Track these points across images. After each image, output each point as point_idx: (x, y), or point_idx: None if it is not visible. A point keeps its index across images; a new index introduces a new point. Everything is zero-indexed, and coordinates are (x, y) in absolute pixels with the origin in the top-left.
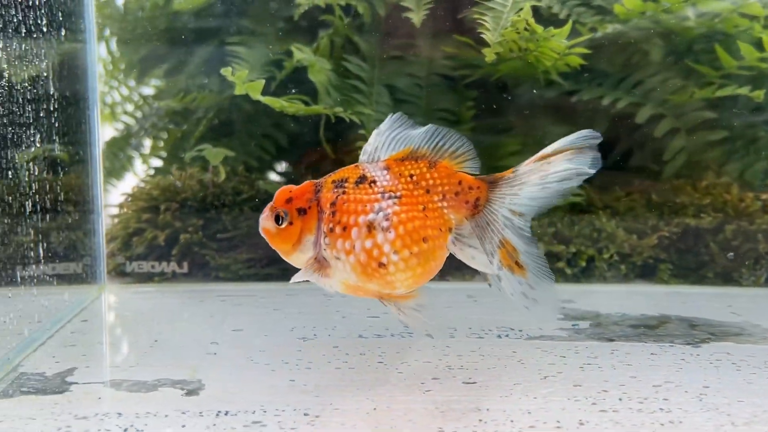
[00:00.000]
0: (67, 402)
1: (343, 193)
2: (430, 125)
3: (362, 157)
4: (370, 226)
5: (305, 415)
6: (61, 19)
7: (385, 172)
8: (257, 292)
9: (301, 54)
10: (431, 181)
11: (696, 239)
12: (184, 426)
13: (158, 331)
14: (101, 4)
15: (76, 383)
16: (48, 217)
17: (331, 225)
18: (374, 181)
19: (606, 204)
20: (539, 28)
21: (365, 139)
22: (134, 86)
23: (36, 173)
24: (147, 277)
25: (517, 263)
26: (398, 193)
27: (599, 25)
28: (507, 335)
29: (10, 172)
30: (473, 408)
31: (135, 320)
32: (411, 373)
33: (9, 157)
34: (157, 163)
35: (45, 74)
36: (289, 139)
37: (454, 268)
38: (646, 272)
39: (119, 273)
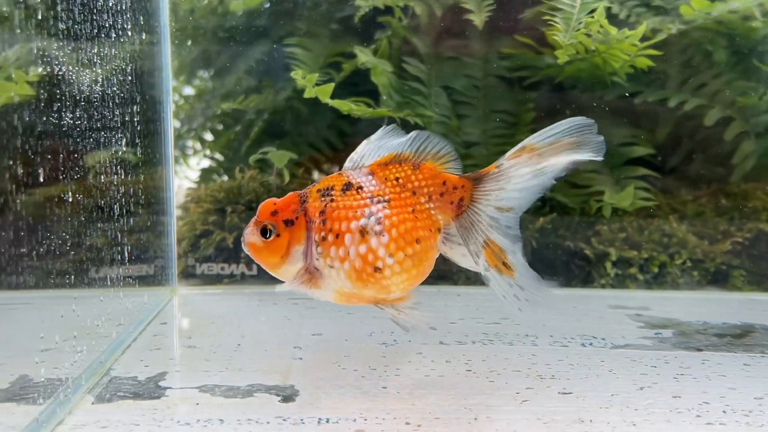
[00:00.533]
0: (166, 408)
1: (331, 200)
2: (415, 131)
3: (347, 165)
4: (363, 231)
5: (407, 423)
6: (141, 21)
7: (371, 177)
8: None
9: (365, 56)
10: (417, 183)
11: None
12: None
13: (239, 335)
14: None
15: (171, 388)
16: (130, 219)
17: (322, 233)
18: (360, 187)
19: (673, 208)
20: (613, 30)
21: None
22: (177, 86)
23: (121, 176)
24: (216, 279)
25: (504, 263)
26: (386, 197)
27: (660, 25)
28: (591, 344)
29: (101, 176)
30: (576, 419)
31: (213, 323)
32: (503, 383)
33: (98, 161)
34: (205, 163)
35: (130, 78)
36: (343, 140)
37: None
38: (719, 279)
39: (188, 275)
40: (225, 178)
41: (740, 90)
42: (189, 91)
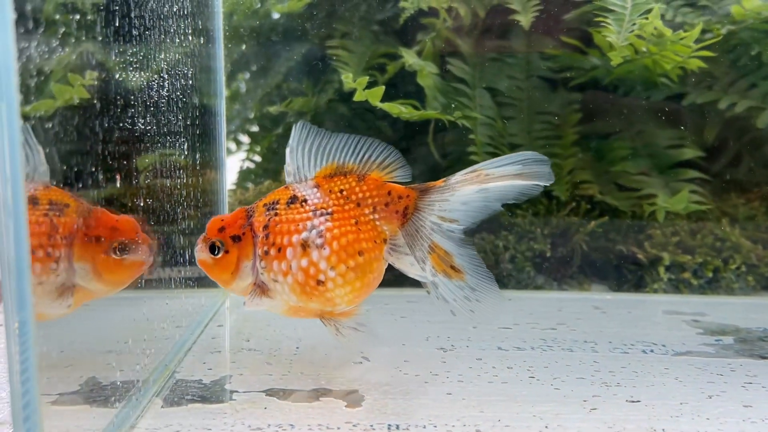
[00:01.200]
0: (235, 411)
1: (275, 215)
2: (345, 135)
3: (288, 179)
4: (305, 245)
5: (477, 431)
6: (200, 26)
7: (316, 189)
8: (378, 298)
9: (411, 58)
10: (361, 195)
11: None
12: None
13: (296, 338)
14: None
15: (237, 392)
16: (190, 222)
17: (265, 248)
18: (305, 200)
19: (723, 211)
20: (668, 31)
21: (473, 143)
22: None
23: (183, 179)
24: None
25: (452, 267)
26: (329, 210)
27: (708, 26)
28: (652, 350)
29: (166, 180)
30: (647, 428)
31: (269, 325)
32: (568, 390)
33: (165, 165)
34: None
35: (191, 82)
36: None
37: (569, 277)
38: None
39: None
40: (264, 180)
41: None
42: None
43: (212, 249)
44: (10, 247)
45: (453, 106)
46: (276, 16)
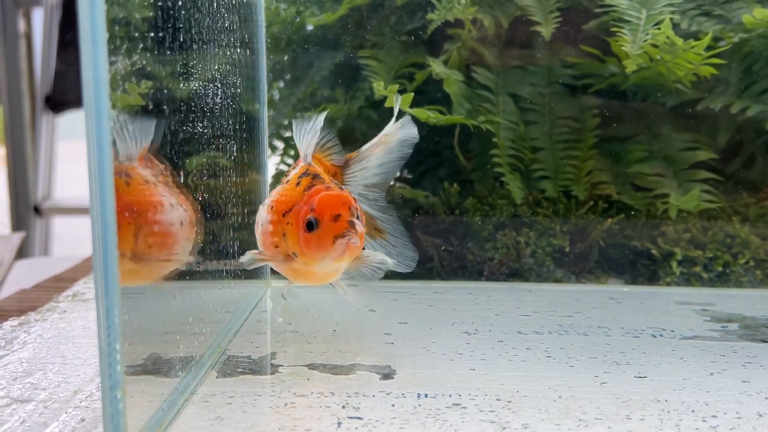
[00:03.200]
0: (281, 382)
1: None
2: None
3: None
4: None
5: (497, 400)
6: (246, 38)
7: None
8: (406, 288)
9: (438, 67)
10: (320, 171)
11: None
12: (393, 405)
13: (333, 322)
14: None
15: (282, 365)
16: (238, 218)
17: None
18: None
19: (735, 210)
20: (679, 40)
21: (497, 146)
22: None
23: (232, 178)
24: None
25: (376, 229)
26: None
27: (721, 34)
28: (661, 335)
29: (219, 179)
30: (652, 399)
31: (308, 312)
32: (581, 368)
33: (217, 165)
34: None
35: (238, 90)
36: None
37: (587, 271)
38: None
39: None
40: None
41: None
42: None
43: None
44: (97, 227)
45: (477, 110)
46: (310, 27)
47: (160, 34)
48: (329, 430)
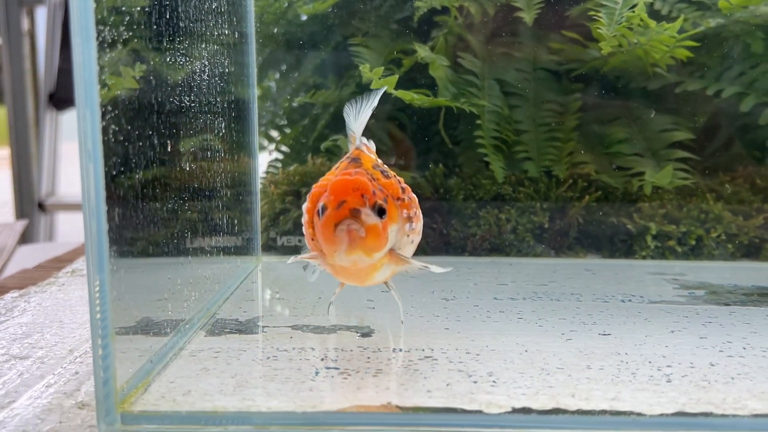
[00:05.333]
0: (266, 339)
1: (394, 178)
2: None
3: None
4: None
5: (467, 353)
6: (234, 22)
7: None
8: None
9: (424, 52)
10: None
11: None
12: (368, 358)
13: (319, 291)
14: None
15: (268, 326)
16: (228, 198)
17: (406, 211)
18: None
19: (711, 188)
20: (652, 23)
21: (480, 128)
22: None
23: (228, 162)
24: (294, 251)
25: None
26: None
27: (701, 19)
28: (630, 300)
29: (215, 162)
30: (613, 353)
31: (295, 283)
32: (549, 327)
33: (207, 144)
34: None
35: (226, 70)
36: (402, 130)
37: (566, 247)
38: (752, 251)
39: (270, 246)
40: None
41: None
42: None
43: (380, 212)
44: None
45: (463, 94)
46: (304, 17)
47: (152, 19)
48: (307, 378)
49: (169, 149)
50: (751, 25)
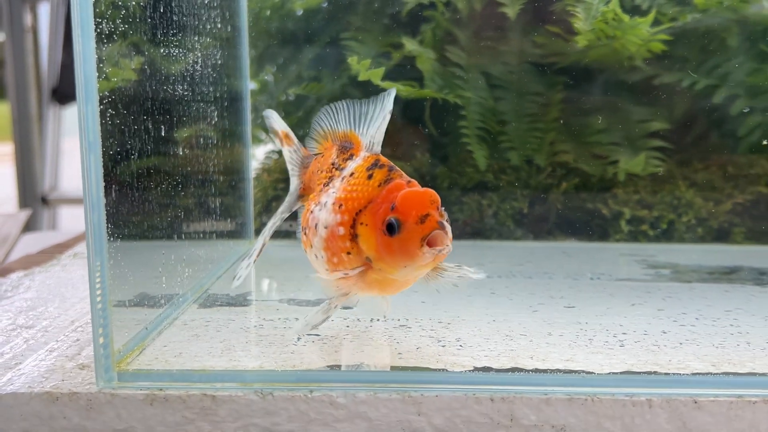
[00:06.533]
0: (254, 311)
1: None
2: None
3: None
4: None
5: (439, 322)
6: (227, 16)
7: None
8: None
9: (411, 45)
10: None
11: (767, 205)
12: (348, 326)
13: (309, 271)
14: None
15: (256, 300)
16: (221, 184)
17: None
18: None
19: (685, 176)
20: (626, 17)
21: (465, 118)
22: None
23: (222, 150)
24: (285, 235)
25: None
26: None
27: (679, 15)
28: (599, 278)
29: (214, 150)
30: (574, 322)
31: (286, 264)
32: (519, 301)
33: (209, 138)
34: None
35: (219, 62)
36: (391, 121)
37: (545, 232)
38: (721, 235)
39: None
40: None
41: (749, 71)
42: (252, 86)
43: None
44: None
45: (449, 86)
46: (298, 12)
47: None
48: (290, 342)
49: (165, 138)
50: (727, 20)
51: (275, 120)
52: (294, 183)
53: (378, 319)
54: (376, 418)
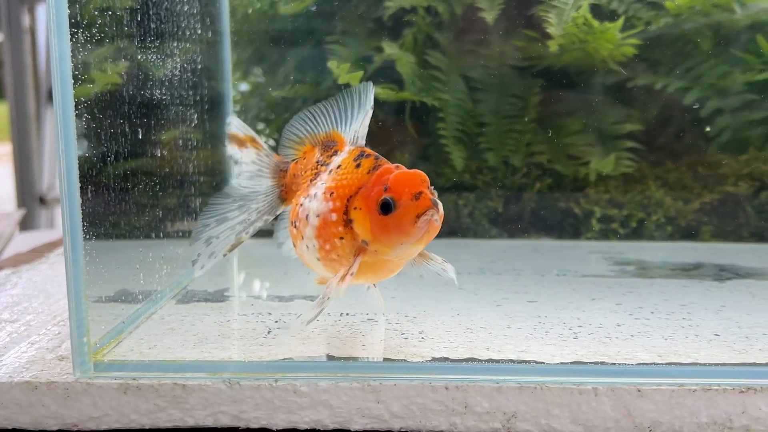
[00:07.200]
0: (229, 306)
1: None
2: None
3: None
4: None
5: (405, 316)
6: (208, 23)
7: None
8: None
9: (391, 49)
10: None
11: (734, 204)
12: (318, 320)
13: (285, 267)
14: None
15: (233, 296)
16: (206, 185)
17: None
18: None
19: (657, 176)
20: (595, 23)
21: (444, 120)
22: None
23: (203, 151)
24: (266, 233)
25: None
26: None
27: (654, 19)
28: (565, 275)
29: (195, 151)
30: (534, 315)
31: (264, 261)
32: (486, 296)
33: (186, 138)
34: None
35: (202, 74)
36: (376, 123)
37: (520, 230)
38: (690, 233)
39: None
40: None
41: (720, 74)
42: (244, 87)
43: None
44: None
45: (429, 89)
46: (285, 16)
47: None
48: (260, 335)
49: (144, 140)
50: (700, 25)
51: (239, 126)
52: (265, 184)
53: (347, 314)
54: (338, 406)
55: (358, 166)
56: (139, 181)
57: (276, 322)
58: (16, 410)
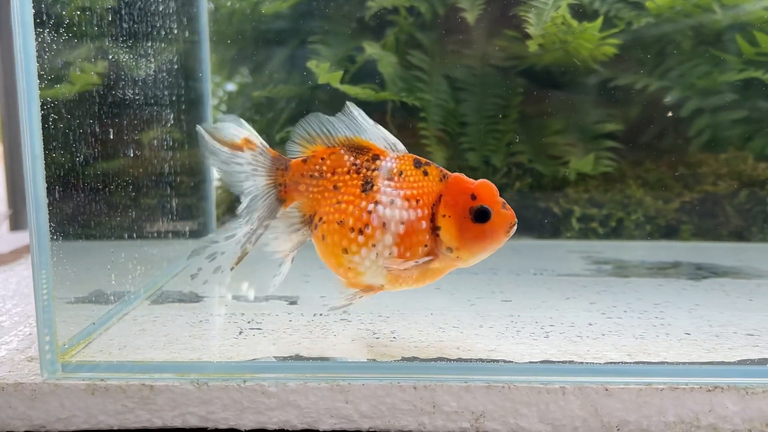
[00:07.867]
0: (203, 307)
1: None
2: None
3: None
4: None
5: (378, 316)
6: (185, 23)
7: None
8: None
9: (372, 49)
10: None
11: (714, 203)
12: (290, 321)
13: (261, 268)
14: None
15: (207, 297)
16: (184, 186)
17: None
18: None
19: (638, 175)
20: (574, 23)
21: (425, 120)
22: (219, 82)
23: (180, 152)
24: None
25: None
26: None
27: (635, 19)
28: (541, 274)
29: (175, 152)
30: (508, 315)
31: (244, 262)
32: (459, 295)
33: (164, 138)
34: None
35: (176, 67)
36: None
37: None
38: (669, 232)
39: None
40: None
41: (700, 74)
42: (231, 87)
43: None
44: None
45: (411, 89)
46: (268, 16)
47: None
48: (231, 335)
49: (118, 140)
50: (681, 25)
51: (234, 129)
52: (260, 183)
53: (320, 314)
54: (306, 406)
55: (425, 173)
56: (111, 182)
57: (249, 322)
58: None
